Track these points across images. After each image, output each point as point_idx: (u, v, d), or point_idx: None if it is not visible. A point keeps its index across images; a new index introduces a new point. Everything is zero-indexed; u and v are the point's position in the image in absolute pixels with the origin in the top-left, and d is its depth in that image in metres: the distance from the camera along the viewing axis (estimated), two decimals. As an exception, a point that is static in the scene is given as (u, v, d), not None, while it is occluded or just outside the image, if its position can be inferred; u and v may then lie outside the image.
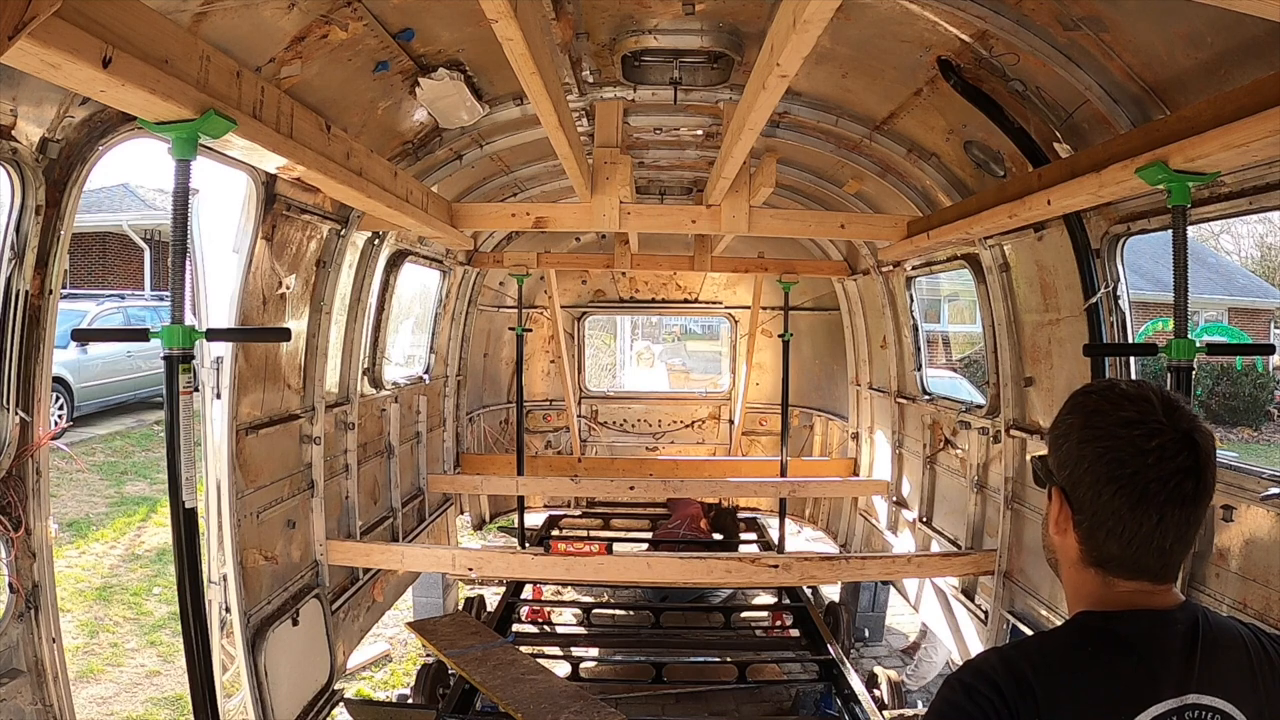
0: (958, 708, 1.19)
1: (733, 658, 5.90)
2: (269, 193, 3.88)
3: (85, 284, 18.73)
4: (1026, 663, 1.20)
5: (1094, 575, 1.25)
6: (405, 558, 5.52)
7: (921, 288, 6.78)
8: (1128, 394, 1.23)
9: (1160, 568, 1.22)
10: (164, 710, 6.65)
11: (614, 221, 4.96)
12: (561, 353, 9.03)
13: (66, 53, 1.83)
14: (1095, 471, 1.20)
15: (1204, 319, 23.17)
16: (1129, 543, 1.20)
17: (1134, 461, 1.18)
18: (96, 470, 11.66)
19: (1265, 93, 2.25)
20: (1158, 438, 1.18)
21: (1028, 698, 1.16)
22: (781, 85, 2.58)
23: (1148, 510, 1.18)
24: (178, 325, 2.58)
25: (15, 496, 2.67)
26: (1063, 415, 1.28)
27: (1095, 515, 1.21)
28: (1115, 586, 1.24)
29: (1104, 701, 1.17)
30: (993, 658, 1.24)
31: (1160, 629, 1.21)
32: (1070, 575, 1.29)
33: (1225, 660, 1.22)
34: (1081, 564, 1.26)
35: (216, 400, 3.99)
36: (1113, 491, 1.18)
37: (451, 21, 3.61)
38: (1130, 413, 1.20)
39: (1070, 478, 1.24)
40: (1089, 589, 1.26)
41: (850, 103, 4.65)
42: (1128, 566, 1.22)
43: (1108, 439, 1.20)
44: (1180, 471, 1.17)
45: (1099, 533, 1.22)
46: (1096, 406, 1.24)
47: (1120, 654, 1.20)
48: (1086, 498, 1.22)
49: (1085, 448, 1.22)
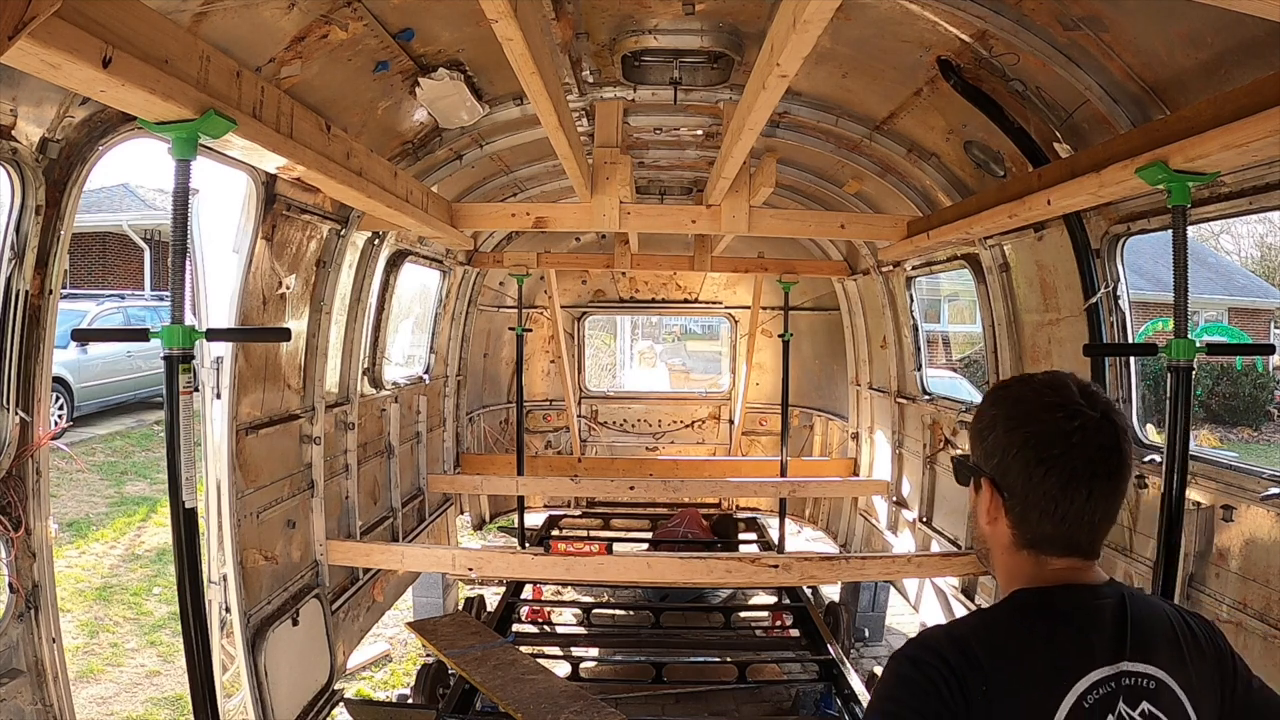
0: (905, 680, 1.23)
1: (733, 658, 5.90)
2: (269, 193, 3.88)
3: (85, 284, 18.73)
4: (970, 635, 1.26)
5: (1027, 557, 1.31)
6: (405, 558, 5.52)
7: (921, 288, 6.78)
8: (1046, 382, 1.30)
9: (1089, 543, 1.29)
10: (164, 710, 6.65)
11: (614, 221, 4.96)
12: (561, 353, 9.03)
13: (66, 53, 1.83)
14: (1024, 456, 1.26)
15: (1204, 319, 23.16)
16: (1062, 520, 1.26)
17: (1060, 442, 1.24)
18: (96, 470, 11.66)
19: (1265, 93, 2.25)
20: (1079, 418, 1.24)
21: (974, 668, 1.21)
22: (781, 85, 2.58)
23: (1078, 487, 1.24)
24: (178, 325, 2.58)
25: (15, 496, 2.66)
26: (985, 409, 1.35)
27: (1028, 498, 1.27)
28: (1048, 565, 1.29)
29: (1046, 670, 1.22)
30: (937, 632, 1.29)
31: (1093, 602, 1.28)
32: (1003, 561, 1.34)
33: (1154, 633, 1.28)
34: (1014, 548, 1.31)
35: (216, 400, 3.99)
36: (1043, 473, 1.24)
37: (451, 21, 3.61)
38: (1051, 398, 1.27)
39: (1000, 465, 1.29)
40: (1023, 570, 1.32)
41: (850, 103, 4.65)
42: (1060, 544, 1.28)
43: (1033, 424, 1.27)
44: (1104, 448, 1.25)
45: (1032, 514, 1.27)
46: (1018, 396, 1.31)
47: (1058, 625, 1.25)
48: (1018, 482, 1.27)
49: (1013, 435, 1.28)
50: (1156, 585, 3.03)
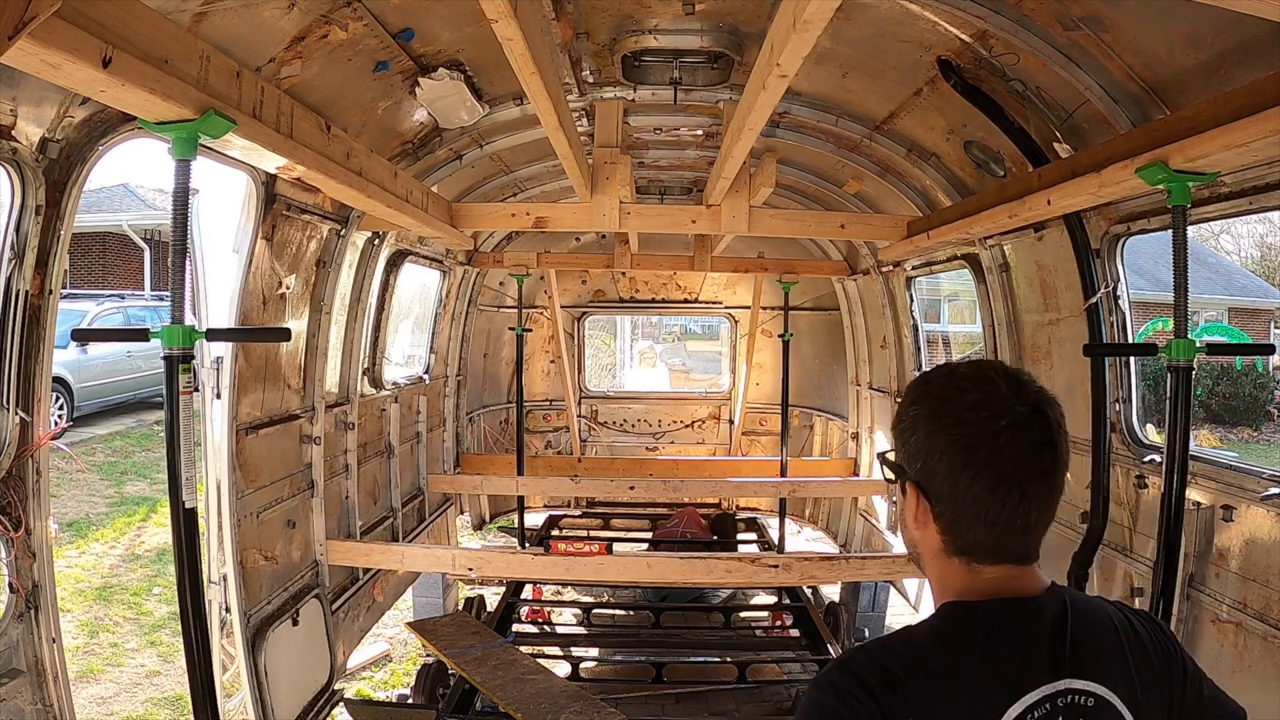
0: (828, 710, 1.16)
1: (733, 658, 5.90)
2: (269, 193, 3.88)
3: (85, 284, 18.72)
4: (895, 660, 1.17)
5: (958, 564, 1.22)
6: (405, 558, 5.52)
7: (921, 288, 6.77)
8: (969, 376, 1.21)
9: (1024, 548, 1.21)
10: (164, 710, 6.65)
11: (614, 221, 4.96)
12: (561, 353, 9.03)
13: (66, 53, 1.83)
14: (949, 460, 1.17)
15: (1204, 319, 23.16)
16: (993, 525, 1.17)
17: (987, 444, 1.15)
18: (96, 470, 11.66)
19: (1265, 93, 2.24)
20: (1007, 416, 1.16)
21: (900, 697, 1.14)
22: (781, 85, 2.58)
23: (1009, 490, 1.16)
24: (178, 325, 2.58)
25: (15, 496, 2.66)
26: (905, 408, 1.25)
27: (956, 504, 1.18)
28: (981, 574, 1.21)
29: (979, 693, 1.15)
30: (860, 656, 1.20)
31: (1029, 615, 1.19)
32: (934, 567, 1.26)
33: (1096, 643, 1.21)
34: (945, 555, 1.23)
35: (216, 400, 3.99)
36: (971, 477, 1.16)
37: (451, 21, 3.61)
38: (975, 395, 1.18)
39: (924, 470, 1.21)
40: (954, 580, 1.23)
41: (850, 103, 4.65)
42: (992, 551, 1.20)
43: (957, 425, 1.17)
44: (1035, 445, 1.16)
45: (962, 520, 1.19)
46: (940, 393, 1.22)
47: (991, 642, 1.18)
48: (944, 487, 1.19)
49: (935, 438, 1.19)
50: (1156, 585, 3.03)
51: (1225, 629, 3.14)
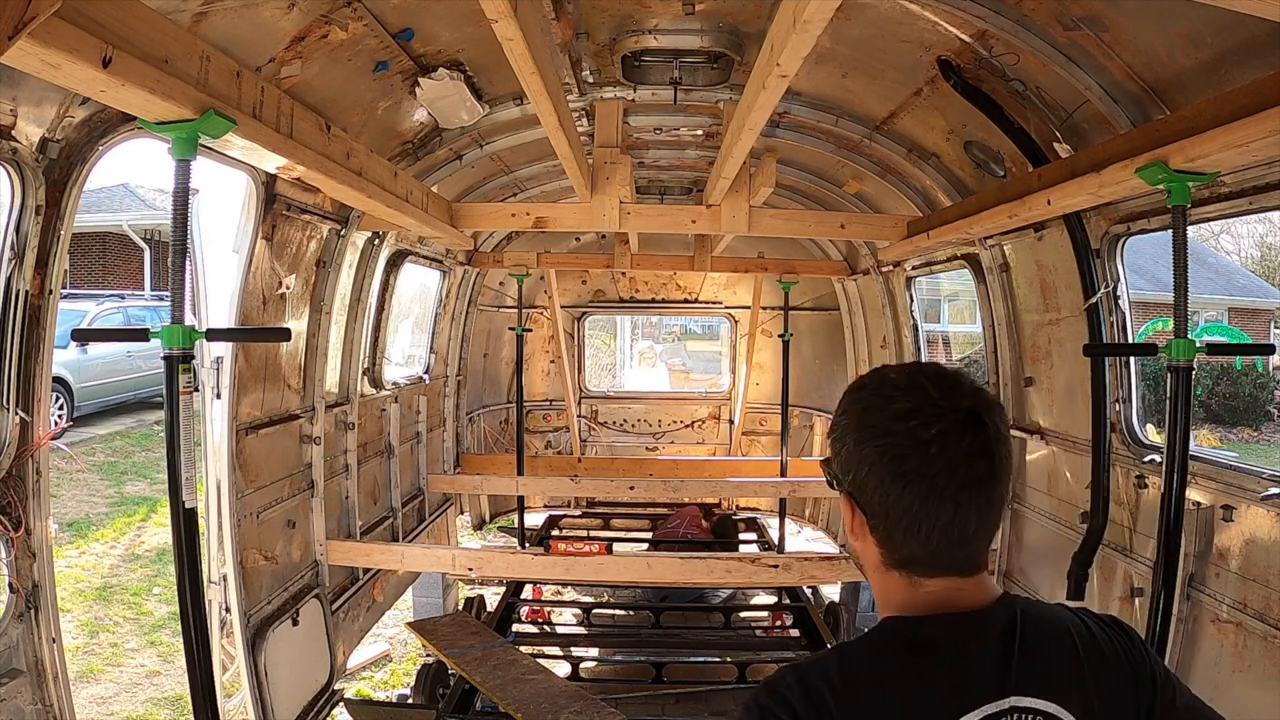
0: None
1: (733, 658, 5.90)
2: (269, 193, 3.88)
3: (85, 284, 18.72)
4: (825, 683, 1.12)
5: (898, 578, 1.18)
6: (405, 558, 5.53)
7: (921, 288, 6.77)
8: (898, 384, 1.16)
9: (965, 559, 1.15)
10: (164, 710, 6.65)
11: (614, 221, 4.96)
12: (561, 353, 9.03)
13: (66, 53, 1.83)
14: (878, 472, 1.13)
15: (1204, 319, 23.16)
16: (928, 538, 1.12)
17: (916, 454, 1.10)
18: (96, 470, 11.67)
19: (1265, 93, 2.24)
20: (937, 423, 1.10)
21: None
22: (781, 85, 2.58)
23: (942, 502, 1.10)
24: (178, 325, 2.58)
25: (15, 496, 2.67)
26: (837, 416, 1.21)
27: (889, 517, 1.14)
28: (921, 587, 1.16)
29: (912, 716, 1.10)
30: (790, 679, 1.14)
31: (972, 630, 1.14)
32: (875, 581, 1.21)
33: (1048, 656, 1.15)
34: (884, 568, 1.18)
35: (216, 400, 3.99)
36: (900, 489, 1.11)
37: (451, 21, 3.61)
38: (903, 404, 1.13)
39: (855, 482, 1.16)
40: (895, 593, 1.19)
41: (850, 103, 4.65)
42: (931, 564, 1.15)
43: (884, 435, 1.13)
44: (968, 454, 1.10)
45: (896, 534, 1.14)
46: (868, 403, 1.17)
47: (928, 662, 1.12)
48: (875, 500, 1.14)
49: (863, 449, 1.14)
50: (1157, 585, 3.03)
51: (1225, 629, 3.14)
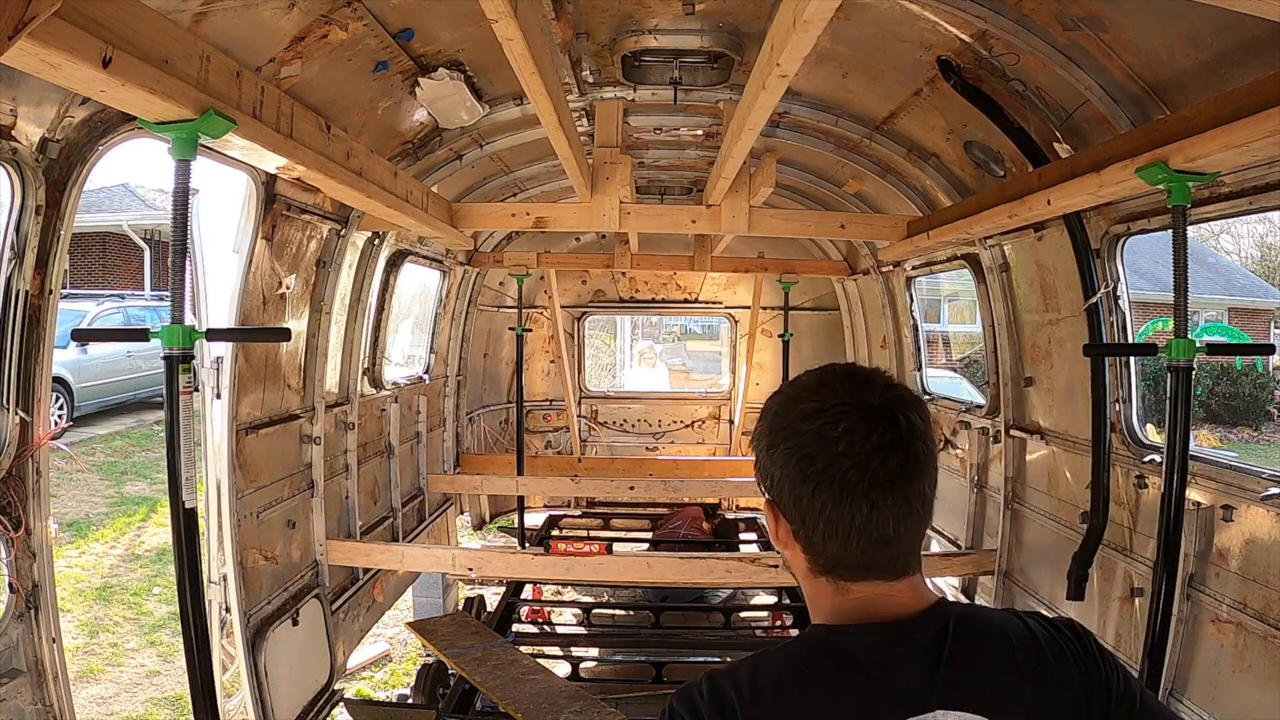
0: None
1: (733, 658, 5.87)
2: (269, 193, 3.88)
3: (85, 284, 18.73)
4: (735, 691, 1.09)
5: (826, 584, 1.15)
6: (405, 558, 5.52)
7: (921, 288, 6.77)
8: (807, 385, 1.15)
9: (889, 561, 1.12)
10: (164, 710, 6.65)
11: (614, 221, 4.96)
12: (561, 353, 9.03)
13: (66, 53, 1.83)
14: (789, 475, 1.11)
15: (1204, 319, 23.16)
16: (846, 540, 1.09)
17: (823, 455, 1.08)
18: (96, 470, 11.67)
19: (1265, 93, 2.24)
20: (844, 421, 1.08)
21: None
22: (781, 85, 2.58)
23: (856, 502, 1.08)
24: (178, 325, 2.58)
25: (15, 496, 2.67)
26: (758, 421, 1.19)
27: (805, 521, 1.11)
28: (849, 593, 1.14)
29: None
30: (704, 684, 1.12)
31: (896, 640, 1.10)
32: (806, 589, 1.19)
33: (981, 667, 1.10)
34: (812, 574, 1.16)
35: (216, 400, 3.99)
36: (810, 491, 1.09)
37: (451, 21, 3.61)
38: (809, 404, 1.12)
39: (773, 488, 1.15)
40: (824, 600, 1.16)
41: (850, 103, 4.65)
42: (854, 567, 1.12)
43: (792, 438, 1.11)
44: (879, 450, 1.08)
45: (815, 537, 1.11)
46: (778, 408, 1.16)
47: (844, 673, 1.09)
48: (790, 505, 1.12)
49: (774, 453, 1.13)
50: (1156, 585, 3.03)
51: (1225, 629, 3.14)
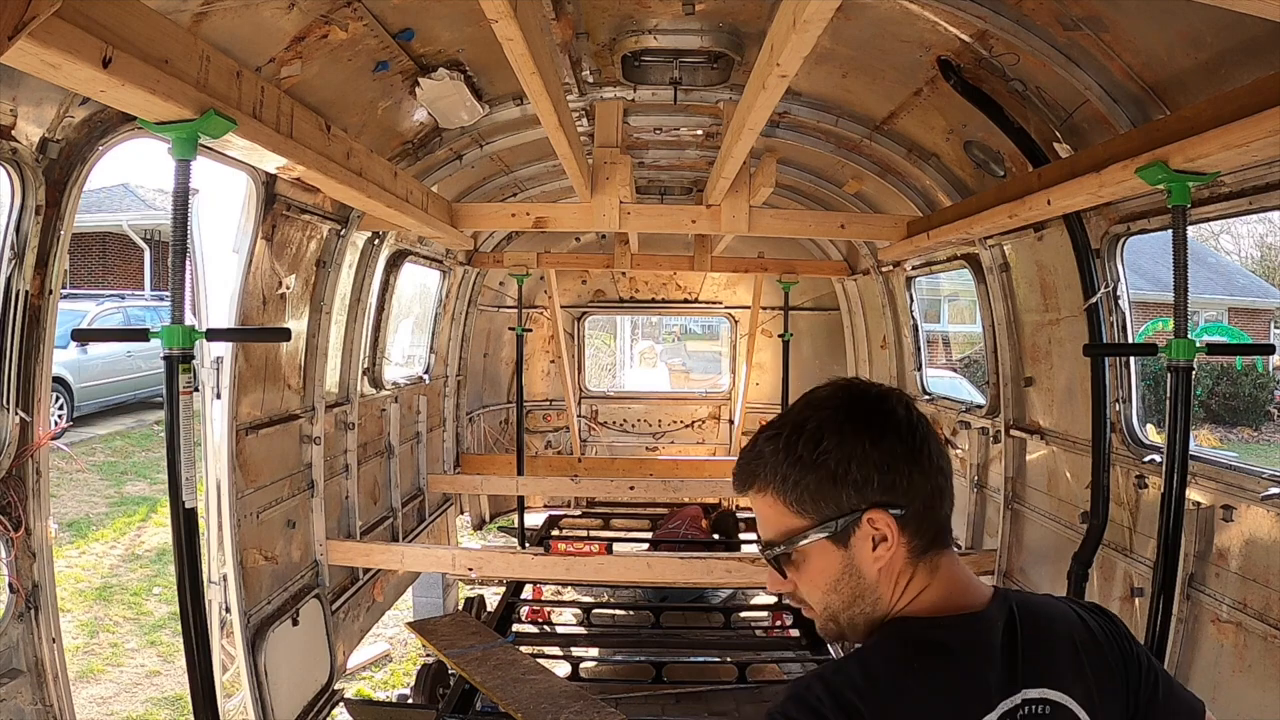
0: None
1: (733, 658, 5.90)
2: (269, 193, 3.88)
3: (85, 284, 18.73)
4: (853, 690, 1.13)
5: (922, 568, 1.21)
6: (405, 558, 5.52)
7: (921, 288, 6.78)
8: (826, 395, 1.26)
9: (948, 524, 1.24)
10: (164, 710, 6.66)
11: (614, 221, 4.96)
12: (561, 353, 9.03)
13: (66, 53, 1.83)
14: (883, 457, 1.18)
15: (1204, 319, 23.16)
16: (941, 504, 1.21)
17: (890, 428, 1.20)
18: (96, 470, 11.67)
19: (1265, 93, 2.24)
20: (897, 404, 1.22)
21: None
22: (781, 85, 2.58)
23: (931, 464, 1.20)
24: (178, 325, 2.58)
25: (15, 496, 2.66)
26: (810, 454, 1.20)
27: (909, 495, 1.18)
28: (937, 570, 1.21)
29: (940, 717, 1.13)
30: (817, 688, 1.15)
31: (980, 630, 1.18)
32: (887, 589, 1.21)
33: (1049, 647, 1.20)
34: (908, 566, 1.21)
35: (216, 400, 3.99)
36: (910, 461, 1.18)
37: (451, 21, 3.61)
38: (839, 396, 1.24)
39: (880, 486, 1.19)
40: (914, 588, 1.21)
41: (850, 103, 4.65)
42: (943, 530, 1.22)
43: (860, 430, 1.20)
44: (906, 421, 1.21)
45: (922, 508, 1.19)
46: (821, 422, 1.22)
47: (946, 665, 1.15)
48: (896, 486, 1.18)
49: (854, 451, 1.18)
50: (1156, 585, 3.03)
51: (1225, 629, 3.14)
